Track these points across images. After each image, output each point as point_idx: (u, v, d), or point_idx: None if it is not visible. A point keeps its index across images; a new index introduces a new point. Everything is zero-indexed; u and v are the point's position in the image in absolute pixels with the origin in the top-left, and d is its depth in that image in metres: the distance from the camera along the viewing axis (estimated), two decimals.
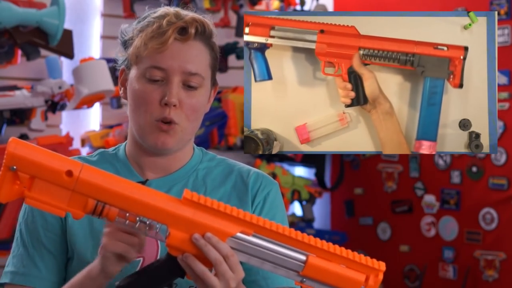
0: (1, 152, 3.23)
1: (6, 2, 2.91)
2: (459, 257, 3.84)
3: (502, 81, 3.66)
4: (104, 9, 3.41)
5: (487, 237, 3.74)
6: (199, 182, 1.49)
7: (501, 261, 3.69)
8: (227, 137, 3.76)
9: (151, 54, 1.41)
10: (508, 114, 3.67)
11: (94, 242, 1.39)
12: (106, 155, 1.52)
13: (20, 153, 1.15)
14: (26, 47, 3.05)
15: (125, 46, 1.48)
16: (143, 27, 1.44)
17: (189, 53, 1.42)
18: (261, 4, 3.98)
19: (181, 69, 1.41)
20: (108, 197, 1.19)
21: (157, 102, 1.40)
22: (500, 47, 2.21)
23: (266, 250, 1.21)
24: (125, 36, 1.48)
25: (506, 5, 3.67)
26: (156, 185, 1.44)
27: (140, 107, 1.42)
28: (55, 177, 1.16)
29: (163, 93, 1.40)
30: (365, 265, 1.24)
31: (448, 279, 3.87)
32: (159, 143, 1.41)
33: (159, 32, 1.41)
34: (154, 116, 1.41)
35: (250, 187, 1.49)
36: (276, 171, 3.73)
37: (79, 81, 3.18)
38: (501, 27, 3.63)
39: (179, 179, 1.48)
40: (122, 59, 1.49)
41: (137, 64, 1.43)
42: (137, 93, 1.42)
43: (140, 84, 1.42)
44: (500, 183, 3.60)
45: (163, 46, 1.40)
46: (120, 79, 1.49)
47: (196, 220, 1.20)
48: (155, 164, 1.47)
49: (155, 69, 1.41)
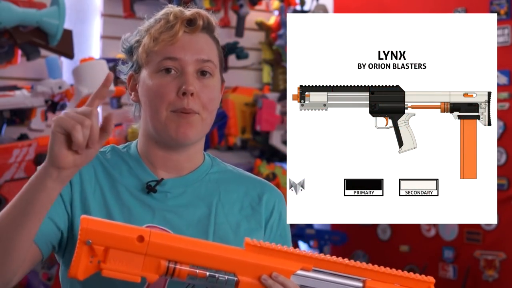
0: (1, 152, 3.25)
1: (6, 2, 2.91)
2: (459, 257, 3.84)
3: (502, 81, 3.66)
4: (104, 9, 3.42)
5: (487, 237, 3.74)
6: (212, 186, 1.50)
7: (501, 261, 3.69)
8: (227, 137, 3.76)
9: (163, 48, 1.43)
10: (508, 114, 3.67)
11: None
12: (118, 151, 1.51)
13: (93, 228, 1.22)
14: (26, 47, 3.05)
15: (131, 51, 1.49)
16: (149, 26, 1.46)
17: (199, 43, 1.46)
18: (261, 4, 3.98)
19: (194, 58, 1.44)
20: (178, 255, 1.25)
21: (174, 94, 1.42)
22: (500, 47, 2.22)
23: (326, 282, 1.29)
24: (128, 43, 1.50)
25: (506, 5, 3.67)
26: (171, 184, 1.46)
27: (157, 101, 1.43)
28: (128, 244, 1.23)
29: (179, 83, 1.42)
30: (416, 280, 1.33)
31: (448, 279, 3.87)
32: (180, 135, 1.42)
33: (167, 26, 1.44)
34: (172, 107, 1.42)
35: (264, 201, 1.52)
36: (276, 171, 3.73)
37: (79, 81, 3.18)
38: (501, 27, 3.63)
39: (193, 181, 1.49)
40: (129, 65, 1.51)
41: (148, 62, 1.45)
42: (153, 88, 1.43)
43: (155, 79, 1.44)
44: (500, 183, 3.61)
45: (174, 38, 1.43)
46: (129, 85, 1.51)
47: (261, 263, 1.28)
48: (168, 161, 1.48)
49: (168, 60, 1.43)
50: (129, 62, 1.51)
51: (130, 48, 1.50)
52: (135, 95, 1.50)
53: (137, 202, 1.44)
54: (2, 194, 2.97)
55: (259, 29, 4.04)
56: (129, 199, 1.44)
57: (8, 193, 2.97)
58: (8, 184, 2.98)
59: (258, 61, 4.06)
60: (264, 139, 3.89)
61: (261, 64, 4.07)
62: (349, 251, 4.22)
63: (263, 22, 4.02)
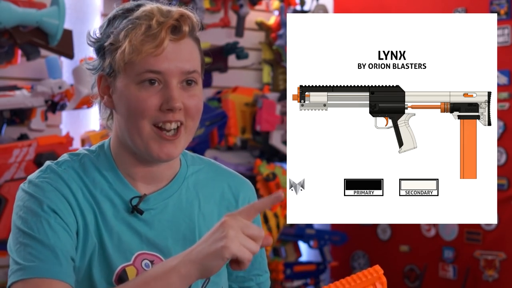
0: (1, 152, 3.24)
1: (6, 2, 2.91)
2: (459, 257, 3.84)
3: (502, 81, 3.66)
4: (104, 9, 3.42)
5: (487, 237, 3.74)
6: (191, 193, 1.45)
7: (501, 261, 3.69)
8: (227, 137, 3.76)
9: (145, 59, 1.31)
10: (508, 114, 3.66)
11: (108, 269, 1.35)
12: (92, 161, 1.41)
13: None
14: (26, 47, 3.05)
15: (102, 52, 1.37)
16: (128, 30, 1.32)
17: (184, 52, 1.35)
18: (261, 4, 3.98)
19: (179, 69, 1.33)
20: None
21: (156, 108, 1.33)
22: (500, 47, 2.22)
23: None
24: (97, 40, 1.39)
25: (506, 5, 3.67)
26: (154, 200, 1.41)
27: (138, 115, 1.33)
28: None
29: (163, 97, 1.33)
30: (366, 280, 1.28)
31: (448, 279, 3.87)
32: (163, 155, 1.35)
33: (149, 34, 1.31)
34: (155, 120, 1.33)
35: (240, 202, 1.50)
36: (276, 171, 3.73)
37: (79, 81, 3.17)
38: (501, 27, 3.63)
39: (173, 191, 1.43)
40: (97, 63, 1.39)
41: (127, 71, 1.33)
42: (133, 100, 1.33)
43: (134, 90, 1.33)
44: (500, 183, 3.61)
45: (157, 49, 1.31)
46: (100, 87, 1.40)
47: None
48: (148, 173, 1.40)
49: (151, 73, 1.32)
50: (98, 60, 1.39)
51: (101, 48, 1.37)
52: (108, 99, 1.39)
53: (124, 226, 1.38)
54: (2, 194, 2.97)
55: (259, 29, 4.04)
56: (115, 222, 1.37)
57: (8, 193, 2.96)
58: (8, 184, 2.98)
59: (258, 61, 4.06)
60: (264, 139, 3.88)
61: (261, 64, 4.06)
62: (349, 251, 4.22)
63: (263, 22, 4.02)
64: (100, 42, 1.38)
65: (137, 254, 1.37)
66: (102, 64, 1.38)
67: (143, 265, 1.37)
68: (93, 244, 1.35)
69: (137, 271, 1.36)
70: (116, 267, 1.36)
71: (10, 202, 2.96)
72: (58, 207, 1.33)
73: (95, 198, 1.38)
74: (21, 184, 1.39)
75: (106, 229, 1.37)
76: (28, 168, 3.02)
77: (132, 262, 1.37)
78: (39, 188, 1.35)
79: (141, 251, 1.38)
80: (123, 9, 1.38)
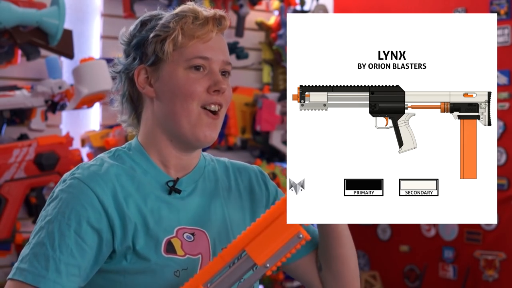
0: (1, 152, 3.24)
1: (6, 2, 2.91)
2: (459, 257, 3.84)
3: (502, 81, 3.66)
4: (104, 9, 3.42)
5: (487, 237, 3.74)
6: (211, 179, 1.59)
7: (501, 261, 3.69)
8: (227, 137, 3.76)
9: (195, 45, 1.48)
10: (508, 114, 3.67)
11: (154, 241, 1.46)
12: (127, 155, 1.53)
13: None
14: (26, 47, 3.05)
15: (146, 44, 1.49)
16: (177, 20, 1.48)
17: (223, 44, 1.54)
18: (261, 4, 3.98)
19: (221, 59, 1.51)
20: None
21: (204, 90, 1.48)
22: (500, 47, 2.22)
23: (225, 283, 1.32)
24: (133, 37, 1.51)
25: (506, 5, 3.67)
26: (186, 182, 1.54)
27: (187, 98, 1.47)
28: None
29: (209, 81, 1.49)
30: (275, 211, 1.40)
31: (448, 279, 3.87)
32: (208, 138, 1.50)
33: (198, 23, 1.48)
34: (203, 103, 1.48)
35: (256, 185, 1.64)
36: (276, 171, 3.73)
37: (79, 81, 3.18)
38: (501, 27, 3.63)
39: (199, 176, 1.57)
40: (131, 59, 1.51)
41: (174, 57, 1.48)
42: (181, 84, 1.47)
43: (183, 75, 1.48)
44: (500, 183, 3.61)
45: (207, 36, 1.49)
46: (138, 79, 1.51)
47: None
48: (180, 161, 1.54)
49: (200, 59, 1.48)
50: (134, 56, 1.51)
51: (140, 43, 1.50)
52: (148, 89, 1.51)
53: (164, 205, 1.50)
54: (2, 194, 2.97)
55: (259, 29, 4.04)
56: (155, 203, 1.49)
57: (8, 193, 2.97)
58: (8, 184, 2.98)
59: (258, 61, 4.06)
60: (264, 139, 3.89)
61: (261, 64, 4.07)
62: None
63: (263, 22, 4.02)
64: (137, 38, 1.51)
65: (177, 229, 1.49)
66: (141, 58, 1.50)
67: (185, 237, 1.50)
68: (133, 225, 1.44)
69: (181, 242, 1.48)
70: (162, 240, 1.47)
71: (10, 202, 2.96)
72: (87, 215, 1.42)
73: (135, 182, 1.49)
74: (65, 174, 1.49)
75: (147, 209, 1.47)
76: (28, 168, 3.03)
77: (175, 234, 1.49)
78: (71, 195, 1.43)
79: (180, 226, 1.50)
80: (150, 15, 1.53)
